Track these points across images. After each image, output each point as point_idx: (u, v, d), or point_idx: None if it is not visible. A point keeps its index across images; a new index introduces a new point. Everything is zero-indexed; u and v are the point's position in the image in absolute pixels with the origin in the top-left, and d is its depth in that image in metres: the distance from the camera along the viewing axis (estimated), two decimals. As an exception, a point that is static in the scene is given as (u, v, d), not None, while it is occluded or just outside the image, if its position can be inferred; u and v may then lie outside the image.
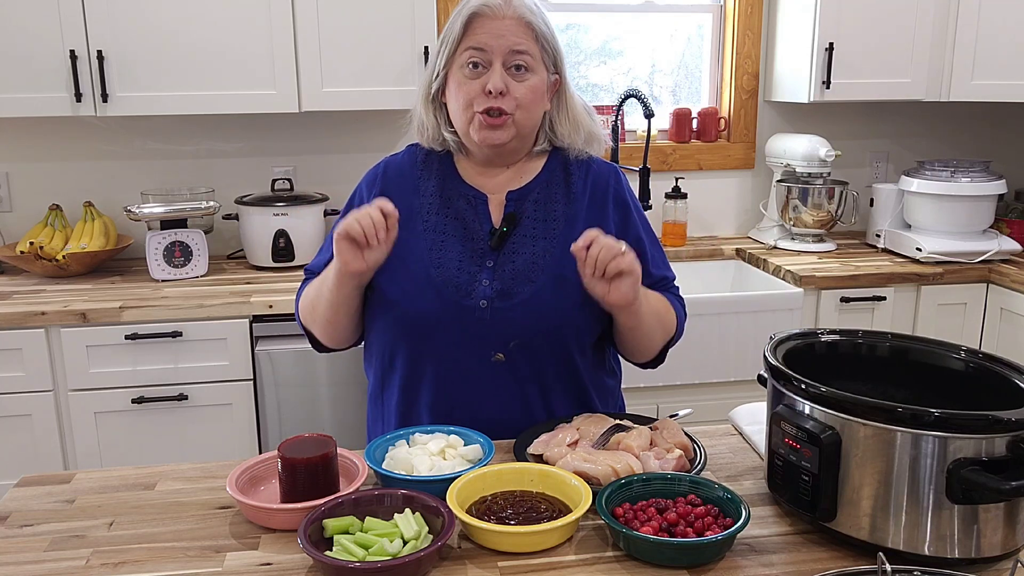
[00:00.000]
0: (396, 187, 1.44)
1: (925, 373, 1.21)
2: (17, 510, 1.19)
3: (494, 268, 1.37)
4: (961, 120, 3.25)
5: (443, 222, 1.41)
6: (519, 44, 1.33)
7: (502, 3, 1.33)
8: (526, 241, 1.39)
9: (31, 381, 2.22)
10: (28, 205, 2.73)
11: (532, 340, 1.36)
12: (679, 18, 3.12)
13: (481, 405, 1.39)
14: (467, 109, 1.35)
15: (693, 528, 1.06)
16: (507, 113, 1.34)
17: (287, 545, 1.09)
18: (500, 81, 1.32)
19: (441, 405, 1.40)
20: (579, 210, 1.43)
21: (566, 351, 1.40)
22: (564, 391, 1.43)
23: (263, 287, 2.40)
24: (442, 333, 1.36)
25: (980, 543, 1.00)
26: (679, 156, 3.08)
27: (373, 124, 2.85)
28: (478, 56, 1.33)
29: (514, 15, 1.34)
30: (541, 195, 1.43)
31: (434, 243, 1.39)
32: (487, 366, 1.37)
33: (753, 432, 1.39)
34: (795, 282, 2.60)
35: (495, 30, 1.32)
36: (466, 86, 1.34)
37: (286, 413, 2.32)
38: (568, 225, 1.41)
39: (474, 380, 1.38)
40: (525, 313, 1.35)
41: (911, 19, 2.77)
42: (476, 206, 1.42)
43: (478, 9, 1.33)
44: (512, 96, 1.34)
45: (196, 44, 2.41)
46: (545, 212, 1.42)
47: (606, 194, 1.46)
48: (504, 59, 1.33)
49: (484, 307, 1.35)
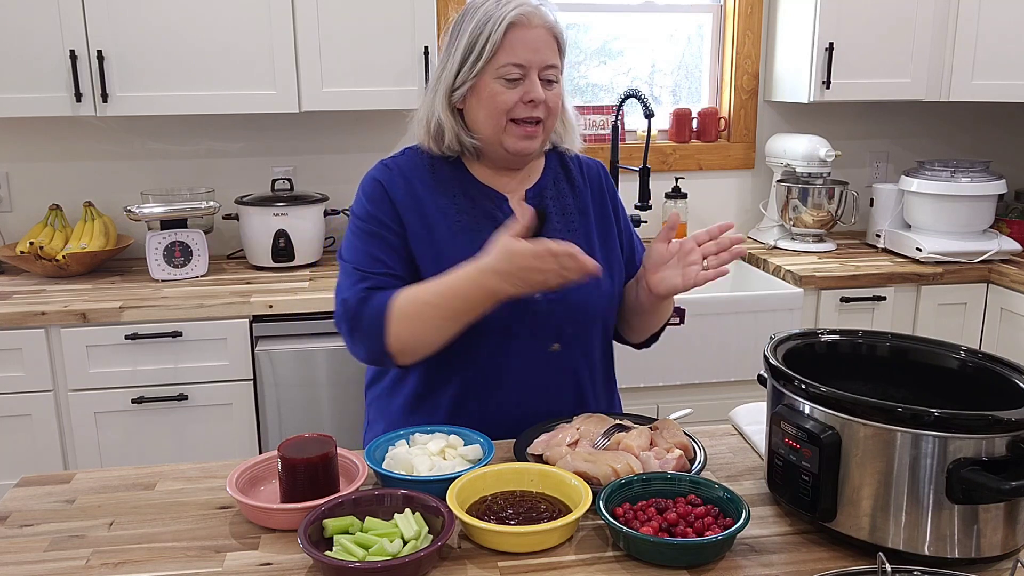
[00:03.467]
0: (415, 186, 1.44)
1: (925, 373, 1.21)
2: (17, 510, 1.19)
3: None
4: (961, 120, 3.25)
5: (476, 222, 1.43)
6: (551, 59, 1.39)
7: (534, 11, 1.37)
8: (556, 234, 1.44)
9: (31, 381, 2.21)
10: (28, 205, 2.73)
11: (583, 325, 1.44)
12: (679, 18, 3.12)
13: (541, 395, 1.43)
14: (501, 117, 1.38)
15: (693, 528, 1.06)
16: (541, 120, 1.40)
17: (287, 545, 1.09)
18: (541, 92, 1.37)
19: (500, 400, 1.42)
20: (587, 202, 1.52)
21: (607, 335, 1.53)
22: (604, 376, 1.54)
23: (263, 287, 2.40)
24: (505, 329, 1.40)
25: (980, 543, 1.00)
26: (679, 156, 3.08)
27: (373, 124, 2.85)
28: (518, 72, 1.37)
29: (543, 23, 1.38)
30: (553, 191, 1.50)
31: (474, 242, 1.39)
32: (546, 356, 1.42)
33: (753, 432, 1.39)
34: (795, 282, 2.60)
35: (531, 43, 1.36)
36: (504, 95, 1.37)
37: (286, 413, 2.32)
38: (583, 216, 1.50)
39: (534, 372, 1.42)
40: (576, 302, 1.42)
41: (911, 19, 2.77)
42: (500, 205, 1.45)
43: (516, 19, 1.36)
44: (546, 105, 1.39)
45: (196, 44, 2.41)
46: (562, 206, 1.49)
47: (602, 187, 1.55)
48: (539, 72, 1.38)
49: (540, 299, 1.40)
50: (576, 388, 1.48)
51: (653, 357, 2.47)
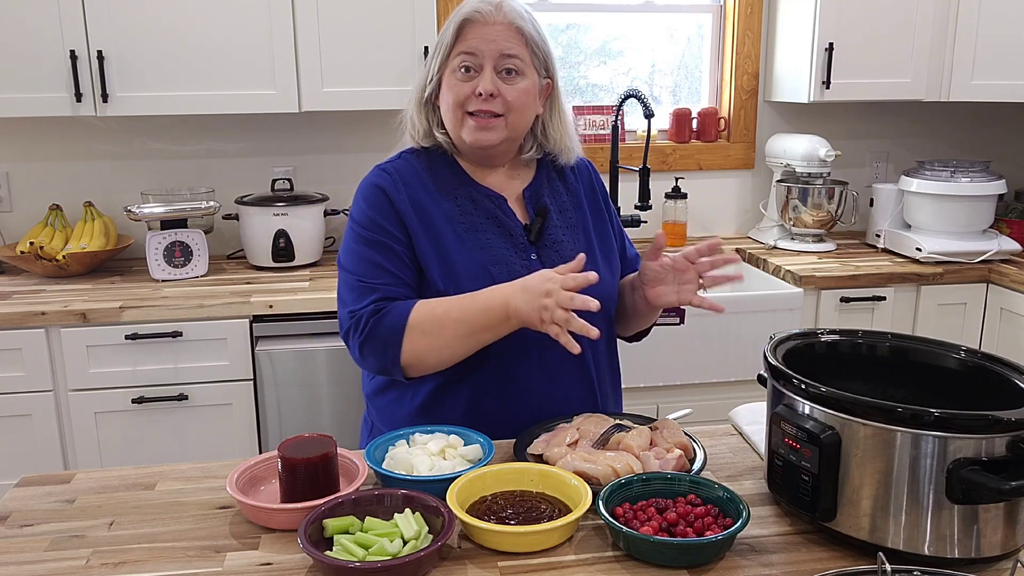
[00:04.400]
0: (421, 191, 1.44)
1: (925, 373, 1.21)
2: (17, 510, 1.19)
3: (540, 260, 1.44)
4: (961, 120, 3.25)
5: (478, 223, 1.43)
6: (509, 48, 1.37)
7: (493, 9, 1.37)
8: (558, 231, 1.48)
9: (31, 381, 2.22)
10: (28, 205, 2.73)
11: (592, 319, 1.41)
12: (679, 18, 3.12)
13: (553, 390, 1.43)
14: (457, 110, 1.39)
15: (693, 528, 1.06)
16: (498, 115, 1.39)
17: (287, 545, 1.09)
18: (490, 84, 1.36)
19: (519, 397, 1.42)
20: (580, 199, 1.54)
21: (611, 327, 1.54)
22: (610, 367, 1.54)
23: (263, 287, 2.40)
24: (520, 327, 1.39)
25: (980, 543, 1.00)
26: (679, 156, 3.08)
27: (373, 124, 2.85)
28: (469, 60, 1.37)
29: (504, 20, 1.37)
30: (550, 189, 1.51)
31: (480, 243, 1.41)
32: (556, 352, 1.39)
33: (753, 432, 1.39)
34: (795, 282, 2.60)
35: (486, 35, 1.37)
36: (456, 88, 1.38)
37: (286, 413, 2.32)
38: (579, 212, 1.52)
39: (543, 368, 1.42)
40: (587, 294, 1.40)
41: (911, 19, 2.77)
42: (500, 205, 1.46)
43: (469, 15, 1.37)
44: (503, 98, 1.38)
45: (196, 44, 2.41)
46: (559, 204, 1.51)
47: (592, 184, 1.58)
48: (495, 63, 1.37)
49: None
50: (586, 382, 1.48)
51: (653, 357, 2.47)
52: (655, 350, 2.46)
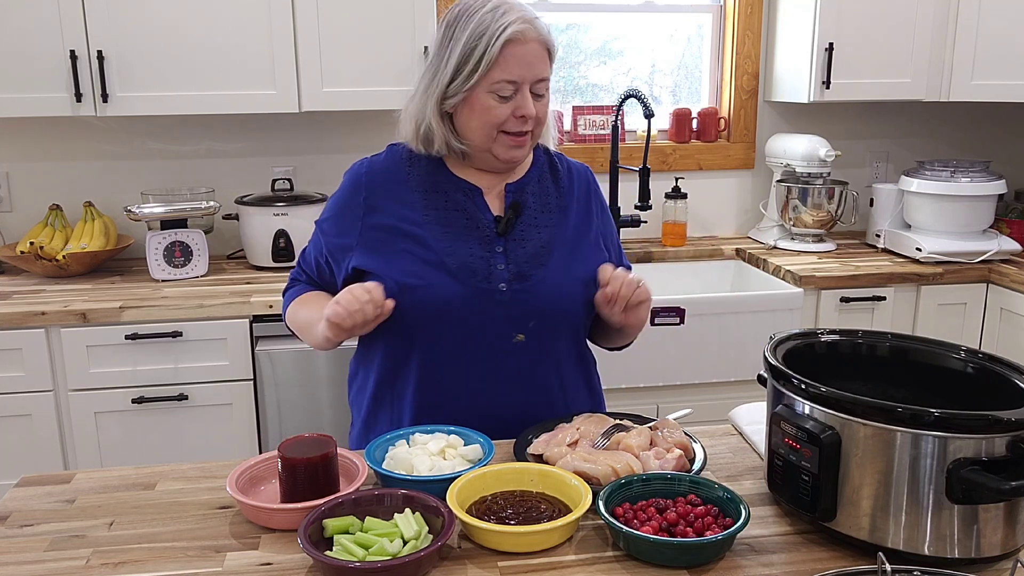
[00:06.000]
0: (384, 185, 1.48)
1: (925, 373, 1.21)
2: (17, 510, 1.19)
3: (505, 253, 1.43)
4: (961, 120, 3.25)
5: (444, 213, 1.45)
6: (543, 72, 1.41)
7: (528, 27, 1.38)
8: (531, 227, 1.47)
9: (31, 381, 2.22)
10: (28, 205, 2.73)
11: (549, 319, 1.44)
12: (679, 18, 3.12)
13: (501, 387, 1.43)
14: (492, 129, 1.41)
15: (693, 528, 1.06)
16: (530, 131, 1.44)
17: (287, 545, 1.09)
18: (532, 108, 1.40)
19: (463, 390, 1.43)
20: (570, 202, 1.53)
21: (575, 329, 1.50)
22: (575, 370, 1.52)
23: (263, 287, 2.40)
24: (465, 318, 1.40)
25: (980, 543, 1.00)
26: (679, 156, 3.08)
27: (373, 124, 2.85)
28: (511, 88, 1.39)
29: (536, 38, 1.39)
30: (536, 187, 1.52)
31: (441, 233, 1.43)
32: (507, 348, 1.42)
33: (753, 432, 1.39)
34: (795, 282, 2.60)
35: (524, 58, 1.38)
36: (496, 110, 1.39)
37: (286, 413, 2.32)
38: (562, 214, 1.51)
39: (494, 363, 1.42)
40: (542, 293, 1.43)
41: (911, 19, 2.77)
42: (473, 197, 1.47)
43: (512, 36, 1.36)
44: (536, 116, 1.42)
45: (196, 44, 2.41)
46: (542, 203, 1.51)
47: (588, 191, 1.57)
48: (531, 86, 1.41)
49: (504, 290, 1.41)
50: (543, 383, 1.46)
51: (653, 357, 2.47)
52: (655, 350, 2.46)
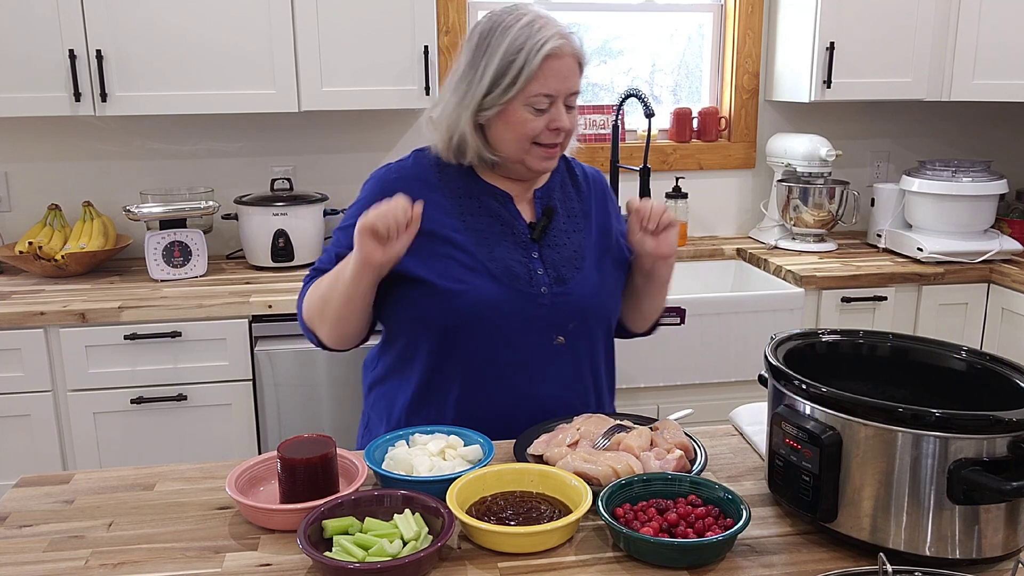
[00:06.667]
0: (416, 190, 1.45)
1: (926, 373, 1.20)
2: (16, 511, 1.18)
3: (541, 258, 1.46)
4: (962, 120, 3.25)
5: (479, 219, 1.46)
6: (576, 85, 1.44)
7: (565, 43, 1.40)
8: (561, 233, 1.51)
9: (30, 381, 2.21)
10: (27, 205, 2.73)
11: (587, 321, 1.48)
12: (679, 17, 3.12)
13: (541, 388, 1.45)
14: (526, 141, 1.42)
15: (694, 529, 1.06)
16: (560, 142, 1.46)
17: (286, 546, 1.09)
18: (567, 121, 1.42)
19: (504, 392, 1.44)
20: (590, 206, 1.57)
21: (608, 328, 1.55)
22: (607, 368, 1.57)
23: (262, 287, 2.40)
24: (508, 321, 1.42)
25: (981, 543, 1.00)
26: (679, 156, 3.08)
27: (373, 124, 2.85)
28: (547, 101, 1.40)
29: (572, 52, 1.41)
30: (561, 193, 1.55)
31: (478, 238, 1.44)
32: (548, 350, 1.45)
33: (754, 432, 1.39)
34: (796, 282, 2.60)
35: (560, 72, 1.39)
36: (531, 123, 1.41)
37: (286, 413, 2.32)
38: (585, 219, 1.55)
39: (536, 365, 1.45)
40: (581, 296, 1.46)
41: (912, 18, 2.77)
42: (505, 203, 1.49)
43: (550, 51, 1.38)
44: (567, 128, 1.45)
45: (195, 44, 2.40)
46: (568, 208, 1.54)
47: (604, 193, 1.61)
48: (564, 99, 1.43)
49: (545, 293, 1.43)
50: (580, 384, 1.49)
51: (653, 357, 2.47)
52: (655, 350, 2.46)
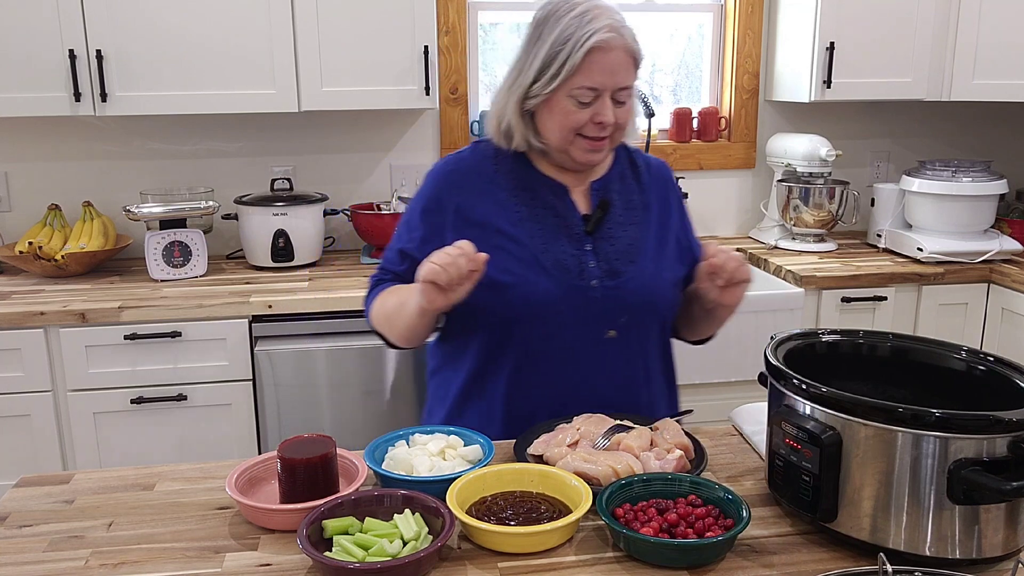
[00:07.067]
0: (473, 183, 1.49)
1: (926, 373, 1.20)
2: (16, 511, 1.18)
3: (594, 251, 1.46)
4: (962, 120, 3.25)
5: (534, 211, 1.47)
6: (626, 80, 1.41)
7: (615, 35, 1.37)
8: (617, 225, 1.49)
9: (30, 381, 2.21)
10: (27, 205, 2.73)
11: (639, 315, 1.46)
12: (679, 17, 3.12)
13: (590, 381, 1.45)
14: (570, 132, 1.42)
15: (694, 529, 1.06)
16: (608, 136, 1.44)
17: (286, 546, 1.09)
18: (612, 115, 1.40)
19: (554, 385, 1.44)
20: (651, 199, 1.55)
21: (663, 324, 1.54)
22: (659, 366, 1.55)
23: (262, 287, 2.40)
24: (560, 314, 1.42)
25: (981, 543, 1.00)
26: (679, 156, 3.08)
27: (373, 124, 2.85)
28: (592, 94, 1.39)
29: (622, 46, 1.38)
30: (620, 185, 1.54)
31: (532, 230, 1.45)
32: (600, 344, 1.44)
33: (754, 432, 1.39)
34: (796, 282, 2.59)
35: (607, 66, 1.37)
36: (574, 115, 1.40)
37: (286, 413, 2.32)
38: (645, 211, 1.53)
39: (586, 358, 1.44)
40: (633, 290, 1.45)
41: (912, 18, 2.76)
42: (560, 196, 1.49)
43: (596, 44, 1.36)
44: (615, 123, 1.42)
45: (195, 44, 2.40)
46: (626, 200, 1.53)
47: (667, 187, 1.59)
48: (612, 93, 1.40)
49: (596, 287, 1.43)
50: (630, 378, 1.49)
51: (653, 357, 2.47)
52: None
